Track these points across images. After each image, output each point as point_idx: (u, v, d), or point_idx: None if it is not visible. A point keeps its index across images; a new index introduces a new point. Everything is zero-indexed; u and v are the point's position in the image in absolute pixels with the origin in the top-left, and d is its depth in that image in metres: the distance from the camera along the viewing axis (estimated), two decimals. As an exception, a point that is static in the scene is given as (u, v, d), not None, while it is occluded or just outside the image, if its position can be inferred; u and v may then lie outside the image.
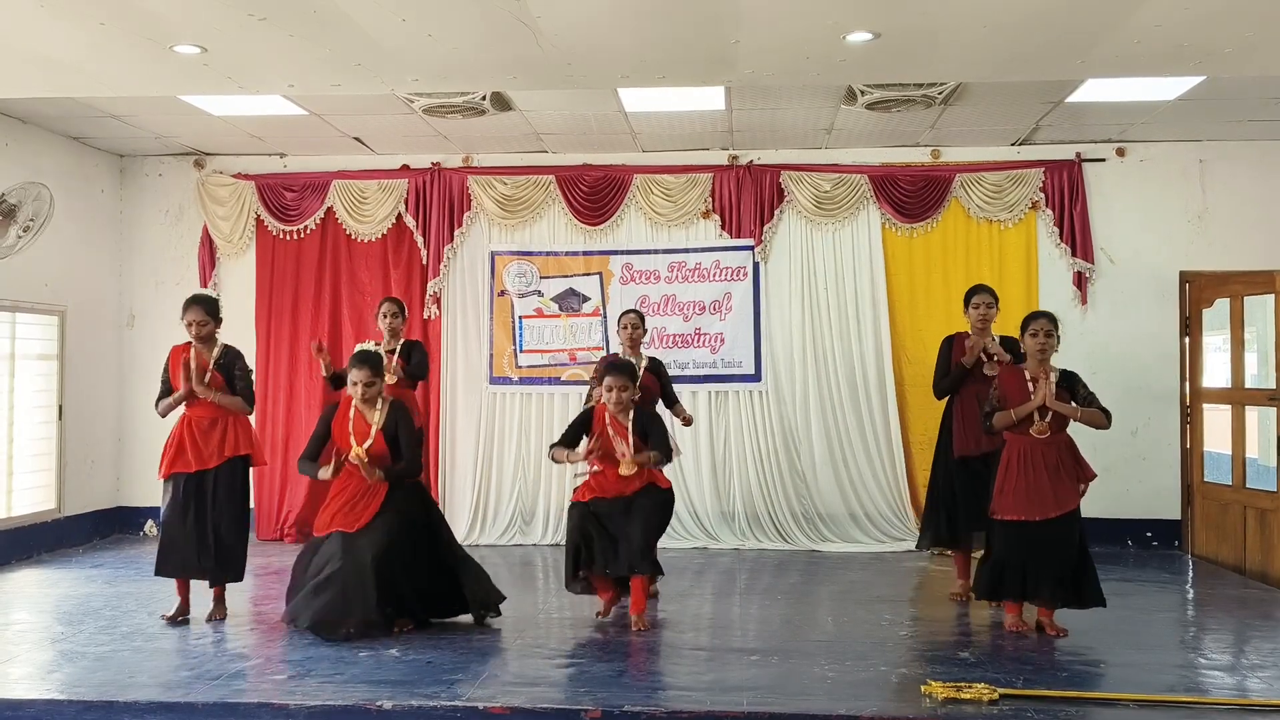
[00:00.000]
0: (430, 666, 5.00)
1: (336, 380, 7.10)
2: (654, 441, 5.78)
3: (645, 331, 6.78)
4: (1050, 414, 5.47)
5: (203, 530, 5.77)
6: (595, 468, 5.80)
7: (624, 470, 5.68)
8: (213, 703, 4.43)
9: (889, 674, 4.92)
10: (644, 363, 6.54)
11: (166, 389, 5.98)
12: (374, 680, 4.73)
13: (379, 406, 5.70)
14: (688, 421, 6.83)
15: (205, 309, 5.94)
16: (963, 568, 6.53)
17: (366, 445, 5.57)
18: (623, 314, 6.79)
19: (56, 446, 8.31)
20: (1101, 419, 5.53)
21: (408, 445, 5.71)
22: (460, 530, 8.58)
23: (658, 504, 5.76)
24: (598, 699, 4.47)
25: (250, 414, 6.09)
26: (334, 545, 5.50)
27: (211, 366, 5.89)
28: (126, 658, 5.11)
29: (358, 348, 5.83)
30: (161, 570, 5.85)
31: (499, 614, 5.83)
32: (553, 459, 6.01)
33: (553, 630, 5.72)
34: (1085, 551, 5.51)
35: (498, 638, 5.60)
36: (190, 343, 5.94)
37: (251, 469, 6.11)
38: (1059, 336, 5.68)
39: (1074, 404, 5.53)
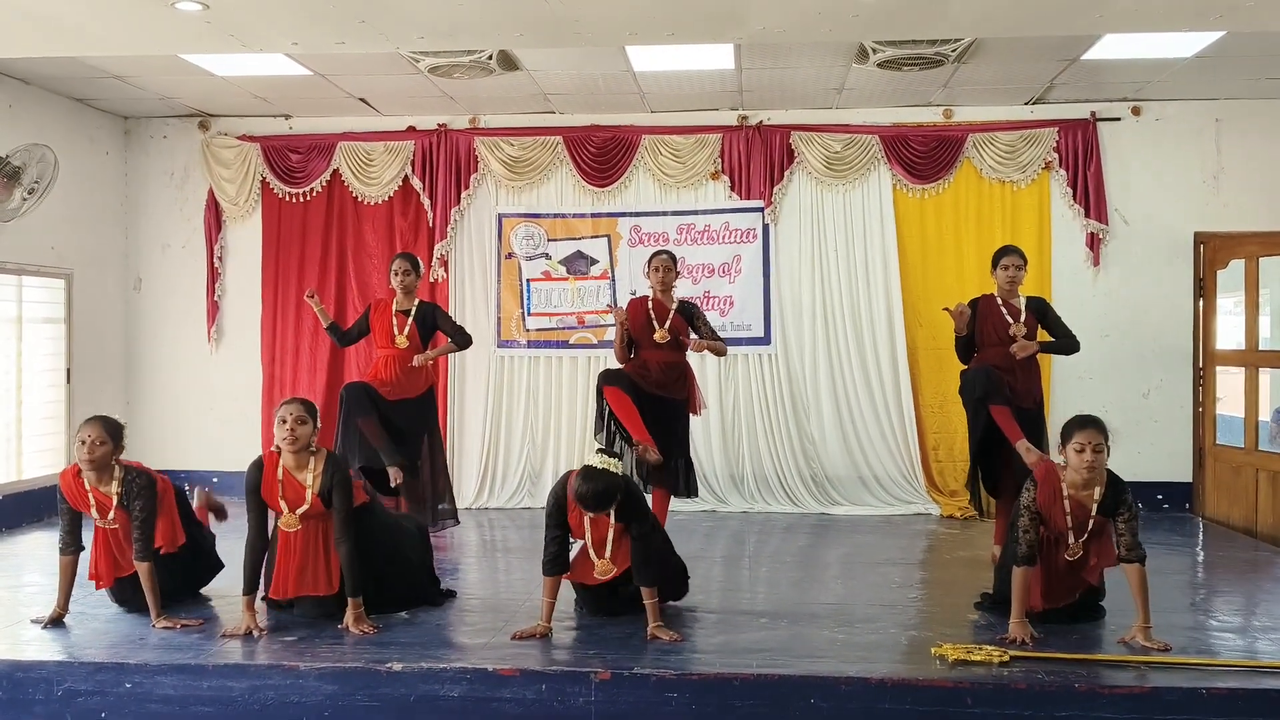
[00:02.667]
0: (439, 629, 5.01)
1: (335, 331, 7.04)
2: (636, 532, 4.93)
3: (678, 274, 6.57)
4: (1086, 535, 4.79)
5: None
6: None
7: (599, 573, 5.04)
8: (223, 664, 4.44)
9: (899, 636, 4.91)
10: (674, 306, 6.40)
11: (73, 522, 5.06)
12: (383, 642, 4.74)
13: (310, 465, 4.96)
14: (719, 351, 6.45)
15: (105, 428, 4.99)
16: (1002, 532, 6.40)
17: (301, 510, 4.94)
18: (654, 255, 6.51)
19: (65, 410, 8.31)
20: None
21: (340, 509, 4.93)
22: (469, 493, 8.62)
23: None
24: (607, 661, 4.46)
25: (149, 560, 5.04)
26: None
27: (115, 505, 5.01)
28: (137, 620, 5.12)
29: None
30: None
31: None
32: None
33: (562, 592, 5.68)
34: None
35: (507, 601, 5.60)
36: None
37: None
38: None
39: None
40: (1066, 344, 6.32)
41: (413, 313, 6.72)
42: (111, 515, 5.05)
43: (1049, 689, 4.16)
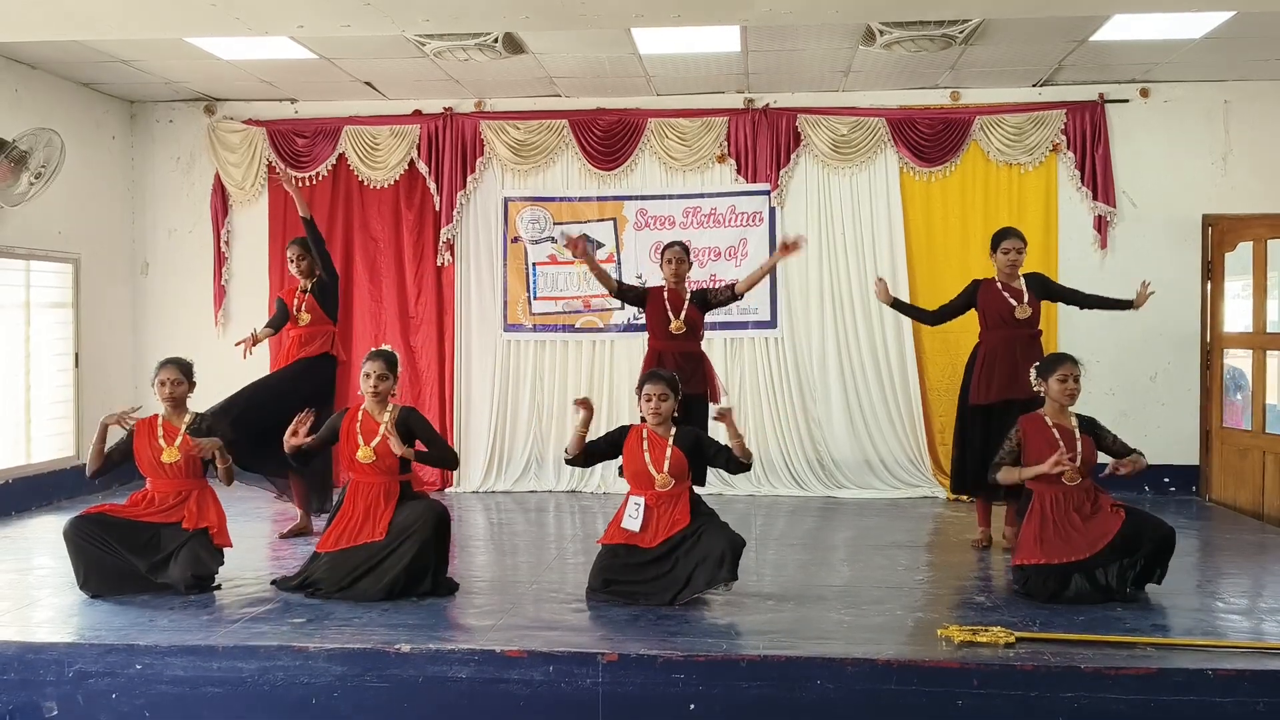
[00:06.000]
0: (447, 611, 5.03)
1: (276, 326, 7.03)
2: (714, 448, 5.36)
3: (691, 265, 6.49)
4: (1082, 459, 5.21)
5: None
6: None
7: (659, 485, 5.19)
8: (233, 646, 4.46)
9: (905, 618, 4.93)
10: (688, 296, 6.37)
11: (118, 453, 5.51)
12: (392, 624, 4.76)
13: (388, 409, 5.41)
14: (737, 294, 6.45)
15: (180, 368, 5.56)
16: (984, 515, 6.49)
17: (374, 443, 5.28)
18: (667, 247, 6.48)
19: (73, 394, 8.34)
20: (1143, 462, 5.28)
21: (435, 437, 5.53)
22: (475, 477, 8.65)
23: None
24: (614, 643, 4.48)
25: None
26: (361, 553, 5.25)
27: (183, 432, 5.45)
28: (146, 602, 5.15)
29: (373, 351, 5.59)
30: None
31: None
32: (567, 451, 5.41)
33: (569, 575, 5.74)
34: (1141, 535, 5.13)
35: (514, 584, 5.63)
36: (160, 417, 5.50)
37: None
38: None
39: (1101, 450, 5.33)
40: (1098, 299, 6.43)
41: (310, 289, 6.86)
42: (178, 443, 5.40)
43: (1055, 670, 4.17)
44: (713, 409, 5.67)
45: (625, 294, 6.64)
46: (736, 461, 5.29)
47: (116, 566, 5.28)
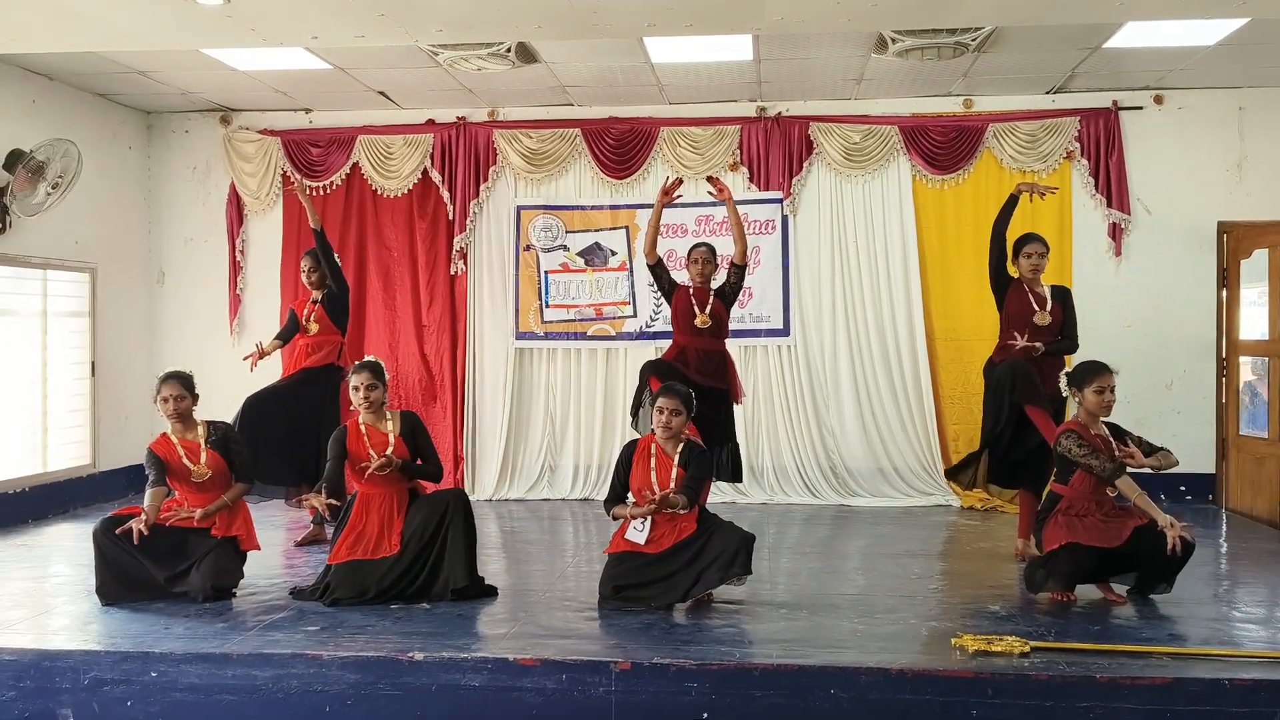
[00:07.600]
0: (460, 619, 5.03)
1: (285, 338, 7.11)
2: (690, 474, 5.20)
3: (717, 267, 6.41)
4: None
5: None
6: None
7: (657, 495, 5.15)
8: (247, 654, 4.47)
9: (919, 627, 4.91)
10: (711, 296, 6.34)
11: (159, 470, 5.39)
12: (405, 633, 4.77)
13: (388, 417, 5.49)
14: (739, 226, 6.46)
15: (182, 383, 5.50)
16: (1026, 524, 6.27)
17: (389, 451, 5.34)
18: (694, 248, 6.45)
19: (90, 403, 8.40)
20: (1173, 459, 5.24)
21: (430, 449, 5.54)
22: (488, 485, 8.66)
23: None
24: (627, 651, 4.48)
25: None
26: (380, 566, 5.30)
27: (204, 447, 5.43)
28: (161, 609, 5.17)
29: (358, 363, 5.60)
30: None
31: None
32: (614, 516, 5.33)
33: (582, 583, 5.74)
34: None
35: (527, 592, 5.63)
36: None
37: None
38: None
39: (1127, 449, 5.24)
40: (1067, 345, 6.28)
41: (319, 300, 6.98)
42: (204, 460, 5.41)
43: (1070, 679, 4.15)
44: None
45: (661, 272, 6.44)
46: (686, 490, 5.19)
47: (137, 574, 5.30)
